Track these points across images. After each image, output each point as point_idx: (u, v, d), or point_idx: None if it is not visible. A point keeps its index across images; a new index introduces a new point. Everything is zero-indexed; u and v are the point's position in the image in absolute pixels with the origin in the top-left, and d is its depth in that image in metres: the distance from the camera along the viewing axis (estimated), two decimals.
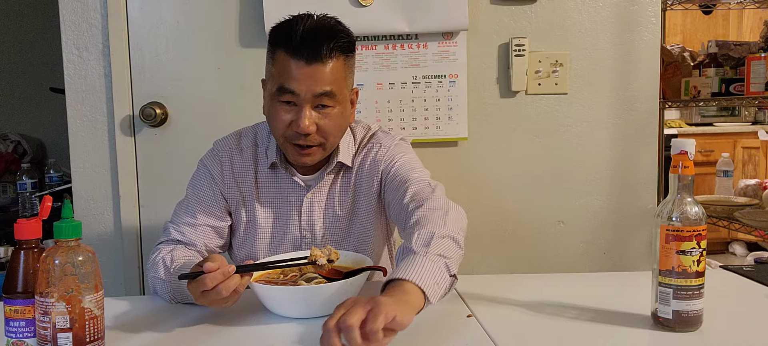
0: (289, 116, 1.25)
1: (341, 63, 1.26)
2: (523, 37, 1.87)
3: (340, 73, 1.26)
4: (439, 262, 1.03)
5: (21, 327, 0.90)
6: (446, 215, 1.14)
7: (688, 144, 0.99)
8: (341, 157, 1.36)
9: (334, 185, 1.39)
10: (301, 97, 1.23)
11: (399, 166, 1.35)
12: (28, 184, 2.84)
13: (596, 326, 1.05)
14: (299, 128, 1.23)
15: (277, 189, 1.39)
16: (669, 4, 2.48)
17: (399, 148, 1.40)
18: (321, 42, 1.21)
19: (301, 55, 1.21)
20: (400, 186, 1.30)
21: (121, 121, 1.86)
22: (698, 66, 2.54)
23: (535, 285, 1.33)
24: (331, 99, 1.25)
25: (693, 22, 4.79)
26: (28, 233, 0.91)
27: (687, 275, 0.98)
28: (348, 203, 1.39)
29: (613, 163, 1.95)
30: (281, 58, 1.24)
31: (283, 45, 1.23)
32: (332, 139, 1.30)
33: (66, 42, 1.84)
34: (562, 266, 1.96)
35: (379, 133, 1.42)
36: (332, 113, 1.26)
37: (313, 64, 1.21)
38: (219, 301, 1.05)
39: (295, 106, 1.24)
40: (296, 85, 1.22)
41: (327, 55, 1.22)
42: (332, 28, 1.25)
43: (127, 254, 1.90)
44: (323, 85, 1.23)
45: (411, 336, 1.01)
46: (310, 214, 1.38)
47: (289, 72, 1.22)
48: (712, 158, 4.03)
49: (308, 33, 1.21)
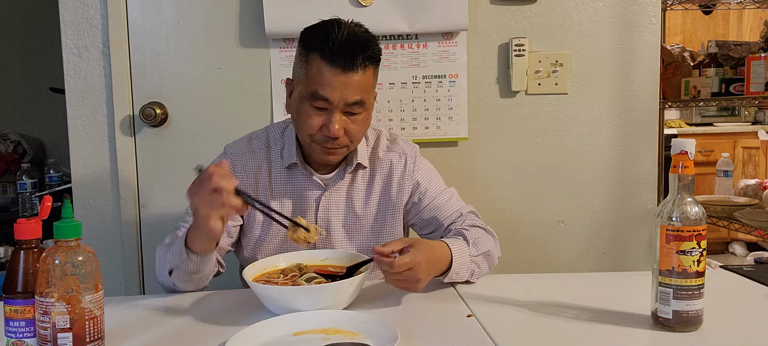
0: (319, 120, 1.29)
1: (371, 72, 1.32)
2: (523, 37, 1.87)
3: (370, 82, 1.32)
4: (473, 266, 1.29)
5: (21, 327, 0.90)
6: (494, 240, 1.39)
7: (688, 144, 0.99)
8: (359, 158, 1.42)
9: (352, 184, 1.44)
10: (333, 104, 1.28)
11: (431, 189, 1.46)
12: (28, 184, 2.84)
13: (596, 326, 1.05)
14: (330, 132, 1.28)
15: (293, 188, 1.43)
16: (669, 4, 2.48)
17: (426, 165, 1.50)
18: (357, 52, 1.27)
19: (336, 63, 1.26)
20: (435, 210, 1.44)
21: (121, 121, 1.86)
22: (698, 66, 2.54)
23: (535, 285, 1.33)
24: (361, 106, 1.31)
25: (693, 22, 4.79)
26: (28, 233, 0.91)
27: (687, 275, 0.98)
28: (369, 203, 1.44)
29: (613, 163, 1.95)
30: (316, 63, 1.27)
31: (319, 50, 1.27)
32: (356, 142, 1.36)
33: (66, 42, 1.84)
34: (562, 266, 1.96)
35: (398, 140, 1.50)
36: (359, 119, 1.32)
37: (348, 72, 1.26)
38: (216, 208, 1.11)
39: (326, 110, 1.29)
40: (330, 92, 1.26)
41: (361, 64, 1.27)
42: (366, 38, 1.31)
43: (127, 254, 1.90)
44: (355, 94, 1.28)
45: (411, 336, 1.01)
46: (327, 212, 1.42)
47: (324, 79, 1.26)
48: (712, 158, 4.03)
49: (344, 42, 1.26)
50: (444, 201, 1.45)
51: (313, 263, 1.29)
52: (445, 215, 1.44)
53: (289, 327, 1.04)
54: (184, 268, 1.22)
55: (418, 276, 1.15)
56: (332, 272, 1.25)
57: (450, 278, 1.26)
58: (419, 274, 1.15)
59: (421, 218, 1.46)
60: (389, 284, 1.17)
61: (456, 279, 1.27)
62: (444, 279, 1.26)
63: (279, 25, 1.81)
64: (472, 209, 1.47)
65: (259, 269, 1.25)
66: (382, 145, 1.47)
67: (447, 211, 1.44)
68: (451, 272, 1.25)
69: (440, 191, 1.47)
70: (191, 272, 1.23)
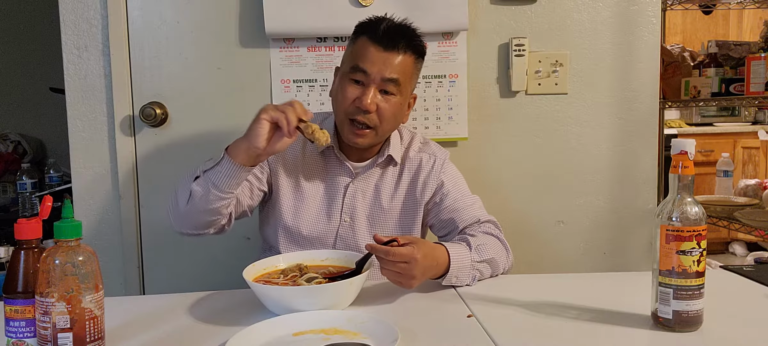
0: (355, 93, 1.37)
1: (411, 61, 1.41)
2: (523, 37, 1.87)
3: (408, 68, 1.40)
4: (474, 272, 1.29)
5: (21, 327, 0.91)
6: (506, 251, 1.40)
7: (688, 144, 0.99)
8: (392, 152, 1.47)
9: (381, 177, 1.49)
10: (370, 77, 1.36)
11: (453, 191, 1.49)
12: (28, 184, 2.84)
13: (596, 326, 1.05)
14: (362, 104, 1.36)
15: (325, 170, 1.48)
16: (669, 4, 2.48)
17: (453, 168, 1.54)
18: (400, 36, 1.38)
19: (380, 41, 1.37)
20: (454, 212, 1.46)
21: (121, 121, 1.86)
22: (698, 66, 2.54)
23: (535, 285, 1.33)
24: (396, 86, 1.38)
25: (693, 22, 4.79)
26: (28, 233, 0.91)
27: (687, 275, 0.98)
28: (396, 199, 1.48)
29: (613, 163, 1.95)
30: (362, 42, 1.39)
31: (366, 33, 1.39)
32: (386, 126, 1.41)
33: (66, 42, 1.84)
34: (562, 266, 1.96)
35: (431, 143, 1.56)
36: (393, 101, 1.39)
37: (389, 50, 1.37)
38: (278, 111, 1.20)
39: (363, 85, 1.37)
40: (369, 65, 1.36)
41: (402, 48, 1.38)
42: (412, 31, 1.42)
43: (127, 254, 1.90)
44: (392, 71, 1.37)
45: (411, 336, 1.01)
46: (353, 199, 1.47)
47: (366, 54, 1.37)
48: (712, 158, 4.03)
49: (391, 26, 1.39)
50: (464, 205, 1.47)
51: (314, 263, 1.29)
52: (463, 219, 1.45)
53: (289, 327, 1.04)
54: (212, 179, 1.26)
55: (413, 272, 1.16)
56: (333, 272, 1.25)
57: (448, 281, 1.26)
58: (414, 270, 1.16)
59: (440, 218, 1.48)
60: (384, 275, 1.18)
61: (456, 283, 1.28)
62: (442, 282, 1.27)
63: (279, 25, 1.81)
64: (494, 219, 1.47)
65: (259, 269, 1.25)
66: (414, 145, 1.53)
67: (465, 215, 1.45)
68: (449, 276, 1.25)
69: (463, 195, 1.49)
70: (214, 186, 1.26)
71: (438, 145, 1.56)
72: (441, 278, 1.26)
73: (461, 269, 1.27)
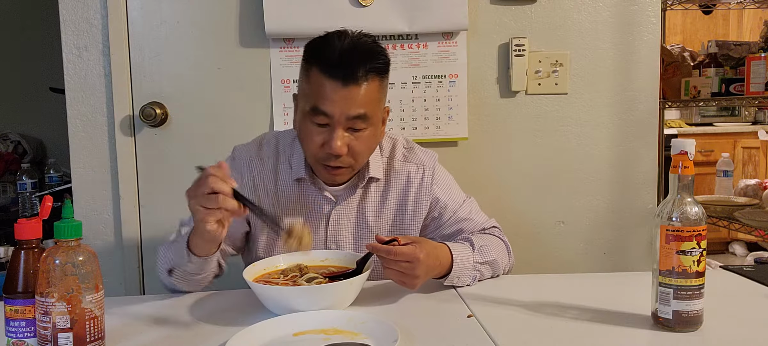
0: (321, 137, 1.24)
1: (376, 85, 1.25)
2: (523, 37, 1.87)
3: (374, 95, 1.25)
4: (476, 272, 1.29)
5: (21, 327, 0.91)
6: (508, 253, 1.40)
7: (688, 144, 0.99)
8: (372, 172, 1.37)
9: (364, 198, 1.40)
10: (334, 119, 1.22)
11: (451, 204, 1.43)
12: (28, 184, 2.84)
13: (596, 326, 1.05)
14: (331, 149, 1.23)
15: (302, 201, 1.38)
16: (669, 4, 2.48)
17: (444, 176, 1.45)
18: (357, 63, 1.20)
19: (336, 76, 1.20)
20: (458, 225, 1.42)
21: (121, 121, 1.86)
22: (698, 66, 2.54)
23: (535, 285, 1.33)
24: (364, 121, 1.24)
25: (693, 22, 4.79)
26: (28, 233, 0.91)
27: (687, 275, 0.98)
28: (383, 215, 1.41)
29: (613, 163, 1.95)
30: (316, 76, 1.22)
31: (318, 63, 1.22)
32: (362, 160, 1.30)
33: (66, 42, 1.84)
34: (562, 266, 1.96)
35: (416, 149, 1.44)
36: (364, 135, 1.26)
37: (349, 86, 1.20)
38: (212, 211, 1.07)
39: (328, 126, 1.24)
40: (330, 106, 1.21)
41: (363, 77, 1.21)
42: (369, 48, 1.24)
43: (127, 254, 1.90)
44: (357, 107, 1.22)
45: (411, 336, 1.01)
46: (337, 226, 1.39)
47: (324, 93, 1.21)
48: (712, 158, 4.03)
49: (345, 53, 1.21)
50: (465, 216, 1.43)
51: (314, 264, 1.29)
52: (467, 230, 1.41)
53: (289, 327, 1.04)
54: (185, 268, 1.22)
55: (416, 272, 1.15)
56: (333, 272, 1.25)
57: (450, 281, 1.26)
58: (418, 270, 1.15)
59: (442, 233, 1.43)
60: (386, 275, 1.17)
61: (457, 283, 1.28)
62: (444, 282, 1.26)
63: (279, 25, 1.81)
64: (495, 222, 1.46)
65: (260, 270, 1.25)
66: (398, 154, 1.42)
67: (469, 226, 1.42)
68: (451, 276, 1.25)
69: (460, 204, 1.43)
70: (192, 273, 1.23)
71: (424, 150, 1.45)
72: (443, 277, 1.26)
73: (464, 270, 1.26)
